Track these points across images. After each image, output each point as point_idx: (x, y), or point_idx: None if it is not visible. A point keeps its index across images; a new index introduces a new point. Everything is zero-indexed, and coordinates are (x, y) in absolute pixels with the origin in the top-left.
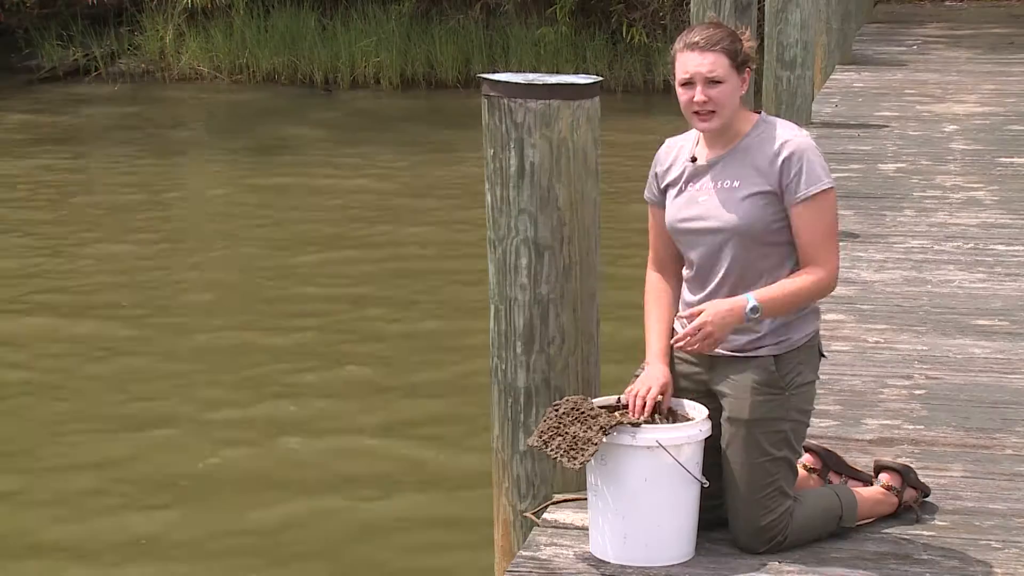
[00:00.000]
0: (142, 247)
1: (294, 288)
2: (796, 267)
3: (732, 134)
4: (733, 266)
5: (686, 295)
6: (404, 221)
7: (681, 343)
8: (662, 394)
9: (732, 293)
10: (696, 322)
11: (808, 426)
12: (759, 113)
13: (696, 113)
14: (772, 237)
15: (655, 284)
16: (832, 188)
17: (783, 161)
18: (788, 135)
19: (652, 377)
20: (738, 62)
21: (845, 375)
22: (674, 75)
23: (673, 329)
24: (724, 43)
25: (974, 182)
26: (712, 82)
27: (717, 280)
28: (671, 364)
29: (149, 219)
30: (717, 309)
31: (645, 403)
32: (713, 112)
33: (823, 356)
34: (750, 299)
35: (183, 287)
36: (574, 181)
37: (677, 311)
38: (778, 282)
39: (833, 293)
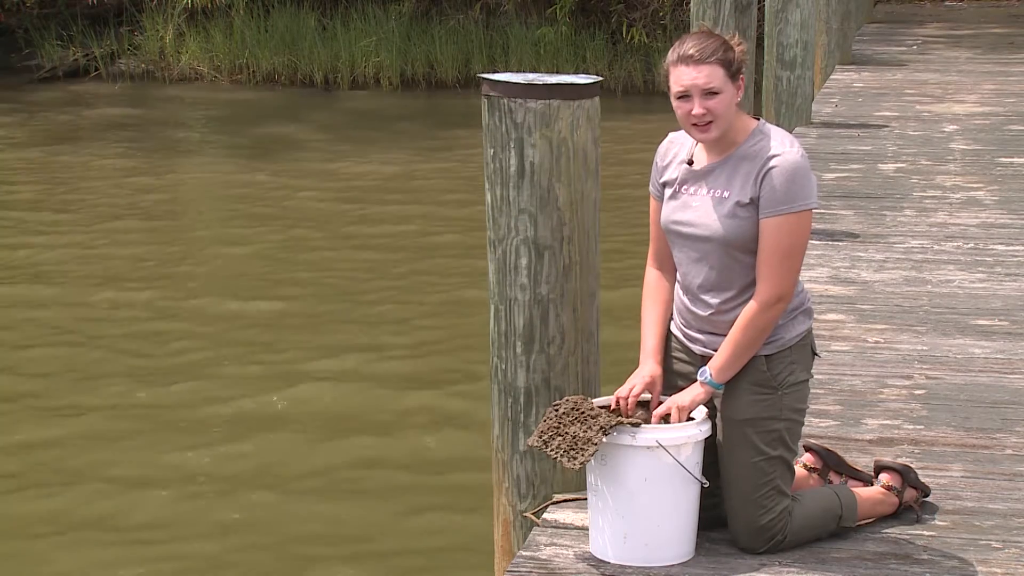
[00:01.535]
0: (142, 247)
1: (293, 281)
2: None
3: (728, 141)
4: (724, 270)
5: (678, 294)
6: (404, 220)
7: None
8: (649, 391)
9: (723, 295)
10: (672, 414)
11: (803, 425)
12: (758, 120)
13: (695, 125)
14: (756, 247)
15: (653, 282)
16: (806, 212)
17: (765, 174)
18: (779, 150)
19: (638, 375)
20: (732, 71)
21: (845, 375)
22: (668, 87)
23: (670, 332)
24: (718, 54)
25: (974, 182)
26: (709, 93)
27: (708, 282)
28: (667, 361)
29: (150, 218)
30: (676, 403)
31: (629, 402)
32: (711, 123)
33: (816, 355)
34: (709, 379)
35: (184, 278)
36: (574, 181)
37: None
38: (724, 341)
39: (833, 293)
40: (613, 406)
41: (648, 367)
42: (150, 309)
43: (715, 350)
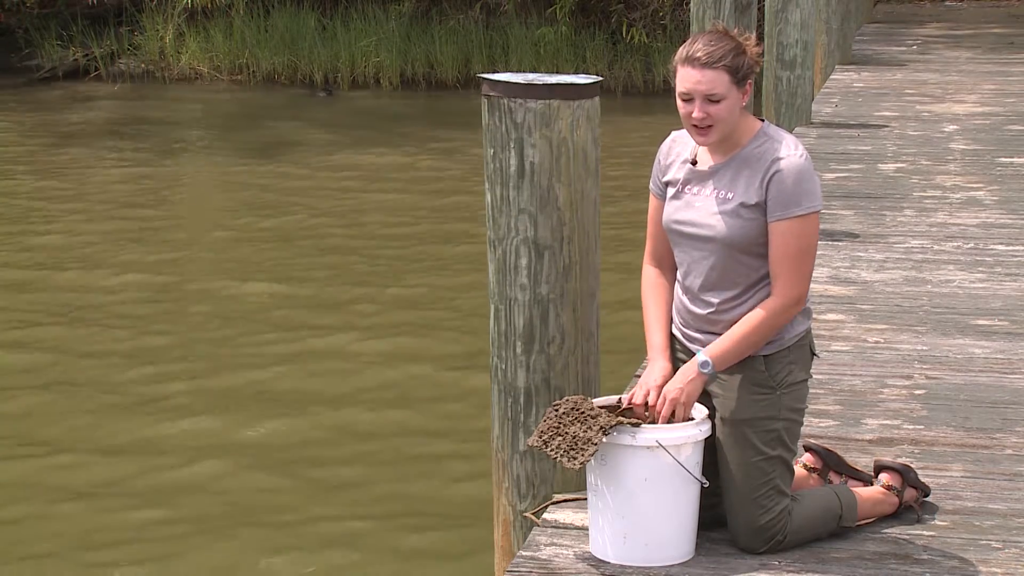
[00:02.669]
0: (143, 240)
1: (293, 280)
2: None
3: (732, 143)
4: (725, 271)
5: (678, 294)
6: (403, 220)
7: (656, 417)
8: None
9: (723, 295)
10: (660, 402)
11: (802, 424)
12: (762, 121)
13: (694, 127)
14: (759, 250)
15: (652, 279)
16: (813, 214)
17: (771, 178)
18: (783, 152)
19: (653, 378)
20: (739, 77)
21: (845, 375)
22: (675, 84)
23: (672, 334)
24: (726, 59)
25: (974, 182)
26: (711, 100)
27: (708, 282)
28: (672, 360)
29: (149, 218)
30: (672, 386)
31: (657, 411)
32: (710, 127)
33: (815, 355)
34: (699, 355)
35: (184, 278)
36: (574, 181)
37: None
38: (730, 329)
39: (833, 293)
40: (627, 403)
41: (659, 367)
42: (153, 293)
43: None
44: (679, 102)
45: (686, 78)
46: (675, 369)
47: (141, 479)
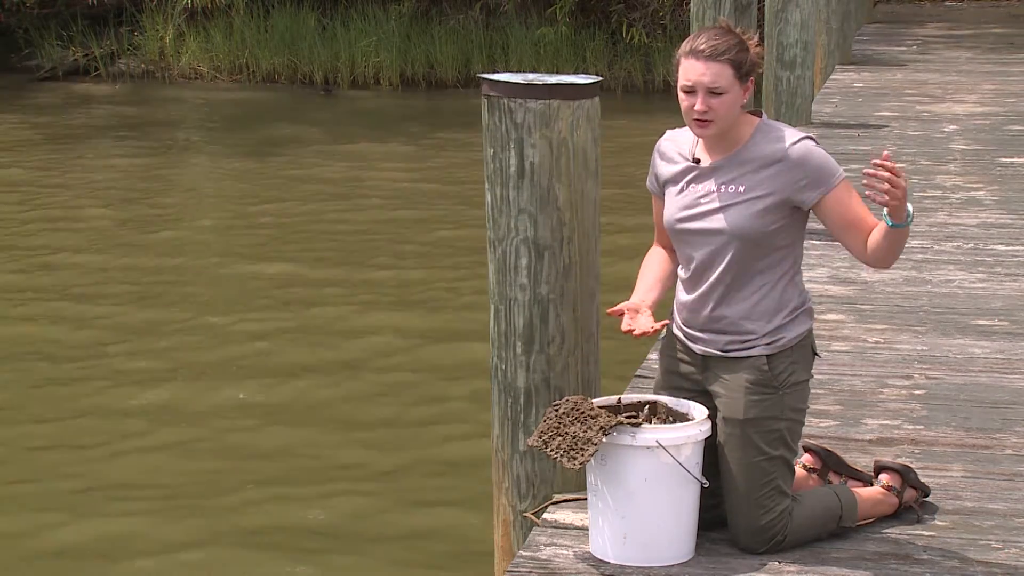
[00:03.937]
0: (143, 246)
1: (292, 281)
2: (791, 268)
3: (733, 139)
4: (730, 267)
5: (680, 294)
6: (404, 220)
7: (872, 174)
8: (635, 311)
9: (727, 293)
10: (897, 175)
11: (803, 424)
12: (760, 116)
13: (695, 120)
14: (771, 240)
15: (655, 251)
16: (845, 179)
17: (792, 167)
18: (792, 137)
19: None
20: (742, 72)
21: (845, 375)
22: (677, 77)
23: (672, 333)
24: (730, 53)
25: (974, 182)
26: (714, 93)
27: (712, 279)
28: (669, 362)
29: (149, 218)
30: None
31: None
32: (711, 121)
33: (816, 355)
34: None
35: (183, 281)
36: (574, 181)
37: (672, 284)
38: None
39: (833, 293)
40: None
41: (636, 296)
42: (154, 275)
43: (717, 349)
44: (681, 95)
45: (690, 70)
46: (669, 371)
47: (150, 439)
